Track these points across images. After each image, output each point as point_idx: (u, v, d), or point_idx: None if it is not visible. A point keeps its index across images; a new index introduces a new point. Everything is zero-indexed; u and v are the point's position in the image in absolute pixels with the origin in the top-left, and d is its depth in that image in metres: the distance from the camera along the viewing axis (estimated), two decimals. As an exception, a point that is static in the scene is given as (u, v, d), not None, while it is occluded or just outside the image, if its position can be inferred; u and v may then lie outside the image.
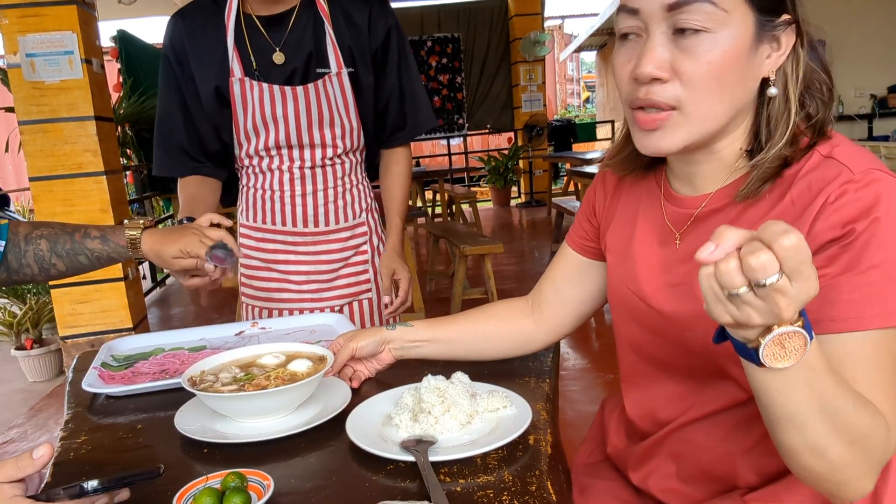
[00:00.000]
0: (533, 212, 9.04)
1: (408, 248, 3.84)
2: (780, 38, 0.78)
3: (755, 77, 0.79)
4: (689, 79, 0.75)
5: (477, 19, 9.36)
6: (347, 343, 1.09)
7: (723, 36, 0.74)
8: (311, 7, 1.40)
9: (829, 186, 0.73)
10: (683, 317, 0.85)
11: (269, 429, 0.94)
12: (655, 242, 0.91)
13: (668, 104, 0.77)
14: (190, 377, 1.03)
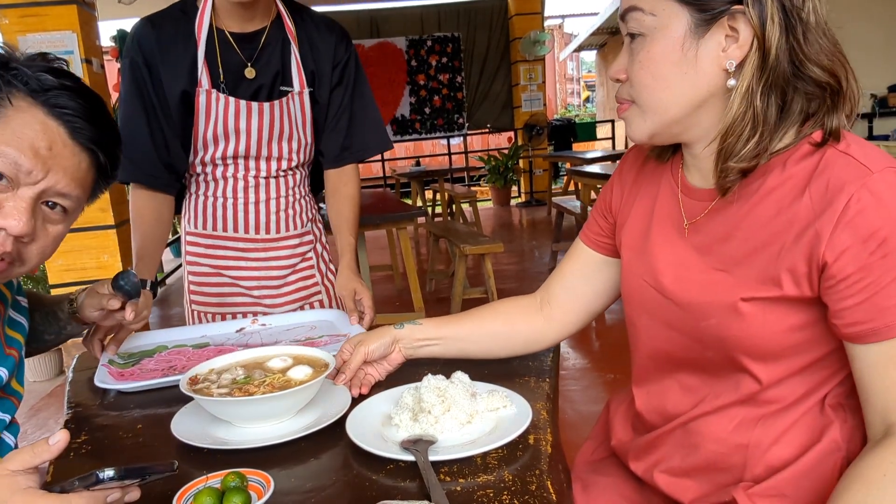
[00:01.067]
0: (533, 211, 9.04)
1: (408, 247, 3.85)
2: (737, 29, 0.77)
3: (708, 70, 0.79)
4: (631, 78, 0.84)
5: (477, 19, 9.36)
6: (358, 347, 1.08)
7: (653, 37, 0.80)
8: (280, 29, 1.46)
9: (848, 187, 0.74)
10: (698, 307, 0.86)
11: (266, 434, 0.94)
12: (672, 234, 0.92)
13: (626, 99, 0.87)
14: (192, 376, 1.03)
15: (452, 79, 9.28)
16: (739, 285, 0.81)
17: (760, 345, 0.82)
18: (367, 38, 8.98)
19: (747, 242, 0.82)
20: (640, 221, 0.98)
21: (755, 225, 0.81)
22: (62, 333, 1.20)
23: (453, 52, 9.20)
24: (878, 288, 0.73)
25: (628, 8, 0.82)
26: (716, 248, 0.86)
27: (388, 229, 4.55)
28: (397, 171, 8.74)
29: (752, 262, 0.81)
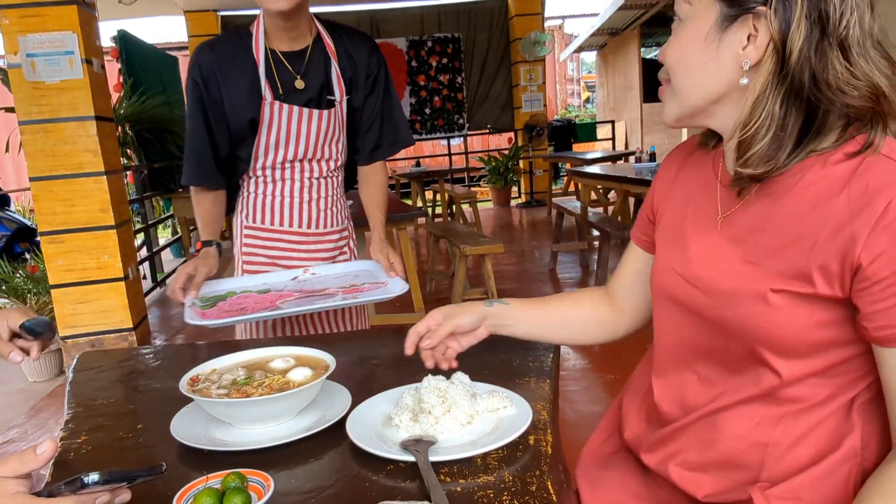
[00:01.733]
0: (533, 212, 9.04)
1: (408, 247, 3.84)
2: (759, 28, 0.78)
3: (728, 64, 0.82)
4: (664, 57, 0.89)
5: (477, 19, 9.36)
6: (448, 320, 1.09)
7: (685, 24, 0.85)
8: (321, 46, 1.69)
9: (888, 190, 0.73)
10: (727, 296, 0.85)
11: (266, 435, 0.94)
12: (706, 224, 0.92)
13: (664, 79, 0.91)
14: (192, 376, 1.03)
15: (453, 79, 9.28)
16: (770, 277, 0.81)
17: (785, 338, 0.81)
18: (367, 38, 8.98)
19: (780, 236, 0.81)
20: (676, 213, 0.99)
21: (790, 219, 0.81)
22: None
23: (453, 53, 9.21)
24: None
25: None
26: (749, 239, 0.85)
27: (388, 229, 4.53)
28: (397, 171, 8.75)
29: (783, 256, 0.81)
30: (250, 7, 8.63)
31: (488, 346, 1.27)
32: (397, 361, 1.23)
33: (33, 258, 4.46)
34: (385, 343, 1.35)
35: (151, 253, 6.05)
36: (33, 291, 4.05)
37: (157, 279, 6.04)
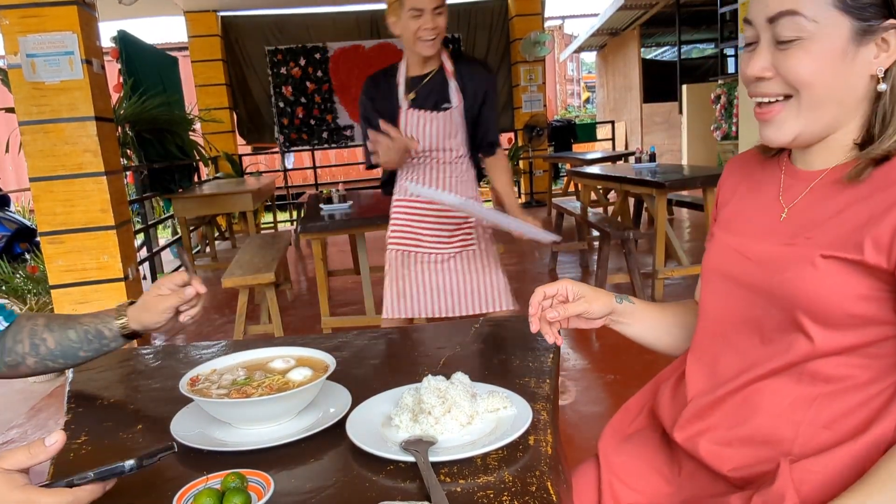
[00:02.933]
0: (533, 212, 8.98)
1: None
2: (888, 41, 0.84)
3: (860, 75, 0.85)
4: (787, 79, 0.87)
5: (477, 20, 9.35)
6: (580, 302, 1.06)
7: (814, 42, 0.84)
8: (442, 70, 2.33)
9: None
10: (776, 262, 0.90)
11: (266, 435, 0.94)
12: (768, 214, 0.96)
13: (776, 93, 0.89)
14: (193, 376, 1.03)
15: (453, 79, 9.27)
16: (821, 245, 0.85)
17: (825, 304, 0.84)
18: (367, 38, 8.98)
19: (840, 217, 0.86)
20: (738, 206, 1.03)
21: (853, 201, 0.86)
22: (103, 350, 1.20)
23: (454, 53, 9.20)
24: None
25: (784, 11, 0.85)
26: (808, 220, 0.90)
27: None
28: (397, 171, 8.74)
29: (838, 227, 0.85)
30: (250, 7, 8.63)
31: (488, 346, 1.27)
32: (397, 361, 1.23)
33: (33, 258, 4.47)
34: (385, 343, 1.35)
35: (151, 253, 6.05)
36: (33, 292, 4.05)
37: (156, 279, 6.04)
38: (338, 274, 5.41)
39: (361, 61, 8.88)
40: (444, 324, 1.44)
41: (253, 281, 3.48)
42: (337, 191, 4.45)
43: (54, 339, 1.17)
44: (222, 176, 8.43)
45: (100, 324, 1.19)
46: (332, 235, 4.61)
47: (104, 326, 1.18)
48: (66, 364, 1.19)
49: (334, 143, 9.10)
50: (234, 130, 8.89)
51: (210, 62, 8.48)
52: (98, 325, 1.18)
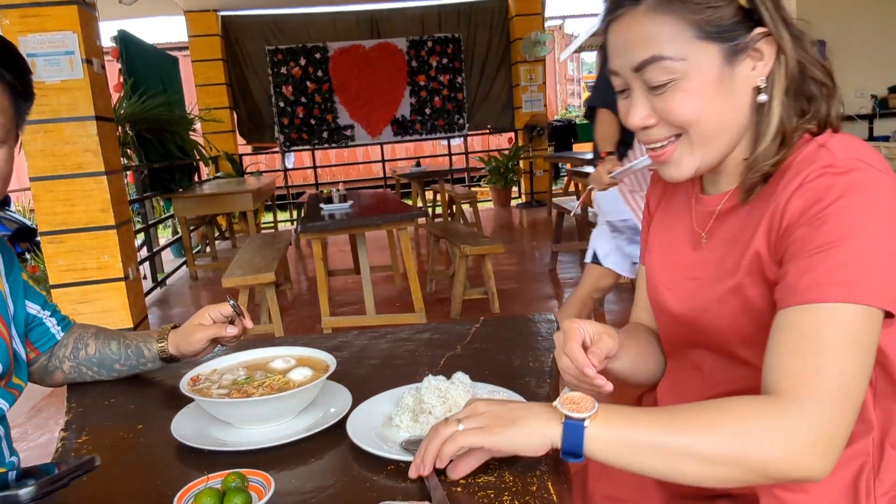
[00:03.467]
0: (533, 212, 9.03)
1: (408, 248, 3.85)
2: (761, 49, 0.82)
3: (742, 91, 0.83)
4: (674, 121, 0.84)
5: (477, 19, 9.35)
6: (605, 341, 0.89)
7: (688, 78, 0.81)
8: None
9: (809, 168, 0.77)
10: (701, 303, 0.90)
11: (267, 435, 0.94)
12: (688, 243, 0.96)
13: (666, 136, 0.86)
14: (193, 376, 1.03)
15: (453, 79, 9.28)
16: (727, 278, 0.86)
17: (755, 335, 0.84)
18: (367, 38, 8.98)
19: (742, 238, 0.86)
20: (662, 229, 1.03)
21: (749, 222, 0.85)
22: (138, 368, 1.22)
23: (454, 53, 9.20)
24: (802, 256, 0.75)
25: (649, 59, 0.81)
26: (718, 248, 0.90)
27: (388, 230, 4.55)
28: (398, 171, 8.74)
29: (737, 252, 0.85)
30: (250, 7, 8.63)
31: (488, 346, 1.27)
32: (397, 361, 1.23)
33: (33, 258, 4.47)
34: (385, 343, 1.35)
35: (151, 253, 6.05)
36: (33, 291, 4.05)
37: (157, 279, 6.04)
38: (338, 274, 5.41)
39: (361, 61, 8.88)
40: (444, 324, 1.44)
41: (253, 281, 3.48)
42: (337, 190, 4.45)
43: (96, 346, 1.20)
44: (222, 175, 8.43)
45: (142, 342, 1.21)
46: (333, 235, 4.61)
47: (145, 346, 1.20)
48: (98, 374, 1.21)
49: (334, 142, 9.10)
50: (234, 130, 8.89)
51: (210, 62, 8.48)
52: (140, 344, 1.21)
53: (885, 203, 0.74)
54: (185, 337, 1.18)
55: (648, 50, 0.81)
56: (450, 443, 0.75)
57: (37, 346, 1.18)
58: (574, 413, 0.72)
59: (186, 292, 5.91)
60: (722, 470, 0.71)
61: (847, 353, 0.72)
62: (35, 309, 1.18)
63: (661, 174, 0.90)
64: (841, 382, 0.71)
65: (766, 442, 0.69)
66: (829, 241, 0.73)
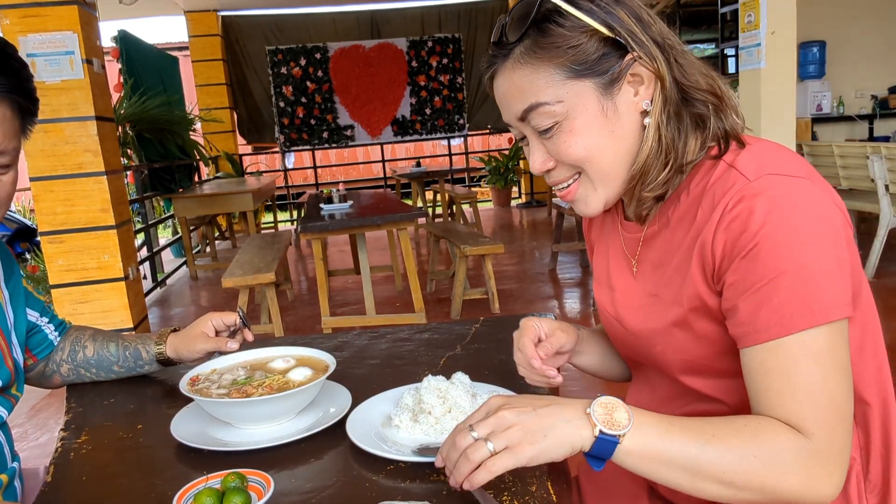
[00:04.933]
0: (533, 212, 9.04)
1: (408, 248, 3.85)
2: (638, 73, 0.81)
3: (630, 118, 0.82)
4: (567, 162, 0.84)
5: (477, 20, 9.35)
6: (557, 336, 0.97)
7: (570, 118, 0.81)
8: None
9: (725, 197, 0.76)
10: (647, 335, 0.89)
11: (266, 435, 0.94)
12: (624, 269, 0.95)
13: (568, 176, 0.86)
14: (193, 376, 1.03)
15: (453, 80, 9.28)
16: (673, 309, 0.84)
17: (700, 366, 0.84)
18: (367, 38, 8.99)
19: (670, 266, 0.85)
20: (601, 256, 1.02)
21: (673, 248, 0.85)
22: (135, 370, 1.22)
23: (454, 53, 9.20)
24: (751, 292, 0.74)
25: (528, 108, 0.82)
26: (650, 276, 0.89)
27: (388, 230, 4.54)
28: (398, 171, 8.75)
29: (674, 284, 0.84)
30: (251, 7, 8.63)
31: (488, 346, 1.27)
32: (397, 361, 1.23)
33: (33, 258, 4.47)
34: (385, 343, 1.35)
35: (152, 253, 6.05)
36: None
37: (157, 279, 6.05)
38: (338, 274, 5.41)
39: (361, 61, 8.88)
40: (444, 324, 1.44)
41: (253, 281, 3.48)
42: (337, 191, 4.46)
43: (94, 348, 1.21)
44: (223, 176, 8.43)
45: (140, 344, 1.21)
46: (333, 235, 4.60)
47: (143, 348, 1.20)
48: (97, 375, 1.21)
49: (334, 142, 9.10)
50: (234, 130, 8.90)
51: (210, 62, 8.48)
52: (138, 345, 1.21)
53: (806, 210, 0.73)
54: (186, 343, 1.18)
55: (526, 99, 0.81)
56: (482, 472, 0.72)
57: (35, 353, 1.18)
58: (610, 430, 0.71)
59: (186, 292, 5.91)
60: (744, 494, 0.72)
61: (831, 377, 0.73)
62: (34, 316, 1.18)
63: (575, 210, 0.90)
64: (835, 408, 0.72)
65: (793, 478, 0.71)
66: (771, 272, 0.72)
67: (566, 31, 0.78)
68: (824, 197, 0.75)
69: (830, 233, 0.73)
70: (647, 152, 0.82)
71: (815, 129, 7.25)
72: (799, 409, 0.72)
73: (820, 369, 0.72)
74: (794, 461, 0.71)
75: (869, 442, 0.85)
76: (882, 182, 4.23)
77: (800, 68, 7.00)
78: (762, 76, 3.99)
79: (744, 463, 0.71)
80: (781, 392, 0.73)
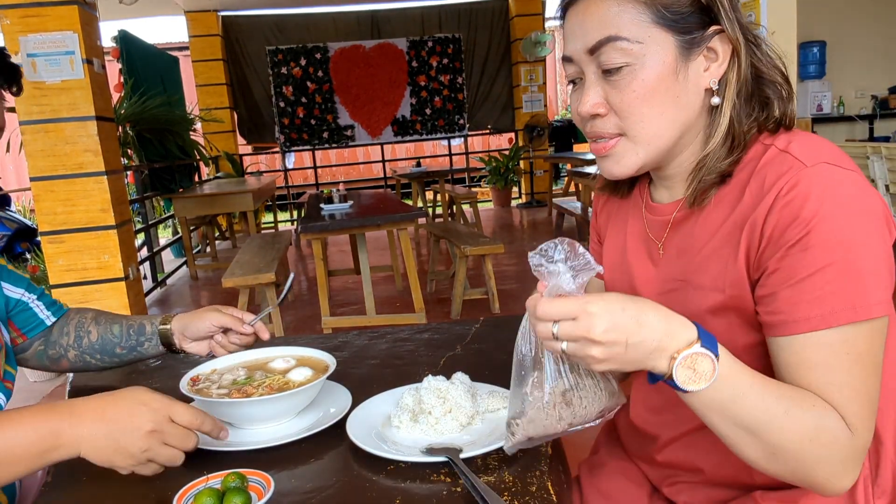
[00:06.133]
0: (534, 212, 9.03)
1: (408, 248, 3.85)
2: (715, 49, 0.80)
3: (694, 91, 0.81)
4: (620, 109, 0.81)
5: (478, 20, 9.35)
6: None
7: (644, 65, 0.78)
8: None
9: (780, 180, 0.75)
10: None
11: (266, 435, 0.95)
12: (644, 254, 0.93)
13: (612, 133, 0.83)
14: (193, 376, 1.04)
15: (453, 80, 9.28)
16: (704, 296, 0.83)
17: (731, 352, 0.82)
18: (367, 38, 8.99)
19: (704, 250, 0.83)
20: (615, 243, 1.00)
21: (708, 232, 0.83)
22: (137, 349, 1.18)
23: (454, 53, 9.20)
24: (794, 281, 0.73)
25: (605, 39, 0.78)
26: (676, 260, 0.87)
27: (388, 230, 4.55)
28: (398, 171, 8.75)
29: (710, 269, 0.82)
30: (251, 7, 8.64)
31: (488, 346, 1.27)
32: (397, 361, 1.23)
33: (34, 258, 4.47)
34: (385, 343, 1.35)
35: (152, 253, 6.05)
36: (34, 291, 4.05)
37: (157, 279, 6.05)
38: (338, 274, 5.41)
39: (362, 61, 8.88)
40: (444, 324, 1.45)
41: (253, 281, 3.48)
42: (337, 191, 4.46)
43: (98, 332, 1.19)
44: (223, 176, 8.43)
45: (145, 319, 1.19)
46: (333, 235, 4.61)
47: (148, 322, 1.18)
48: (101, 361, 1.20)
49: (335, 142, 9.10)
50: (234, 130, 8.90)
51: (211, 62, 8.48)
52: (143, 321, 1.19)
53: (860, 205, 0.73)
54: (196, 316, 1.14)
55: (605, 30, 0.78)
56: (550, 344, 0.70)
57: (24, 332, 1.17)
58: (684, 386, 0.70)
59: (187, 292, 5.91)
60: (776, 466, 0.73)
61: (871, 375, 0.73)
62: (18, 293, 1.16)
63: (601, 168, 0.87)
64: (873, 405, 0.73)
65: (830, 468, 0.72)
66: (819, 262, 0.72)
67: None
68: (876, 194, 0.75)
69: (880, 230, 0.73)
70: (720, 134, 0.81)
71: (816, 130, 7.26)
72: (843, 403, 0.72)
73: (862, 367, 0.72)
74: (839, 454, 0.72)
75: (880, 446, 0.84)
76: (882, 182, 4.23)
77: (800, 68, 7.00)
78: (762, 76, 3.99)
79: (797, 445, 0.71)
80: (827, 386, 0.73)
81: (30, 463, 0.79)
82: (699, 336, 0.69)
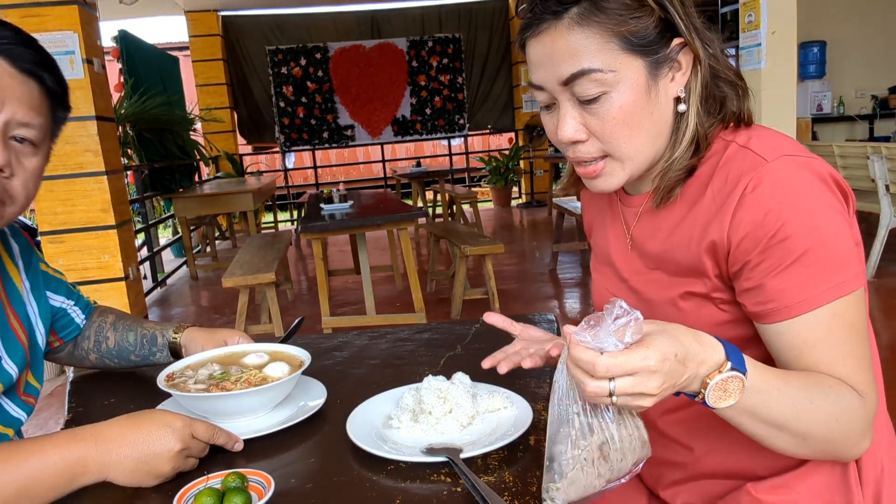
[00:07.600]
0: (534, 212, 9.04)
1: (408, 248, 3.85)
2: (679, 61, 0.83)
3: (665, 103, 0.84)
4: (602, 135, 0.83)
5: (478, 20, 9.36)
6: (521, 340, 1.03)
7: (619, 91, 0.80)
8: None
9: (744, 177, 0.78)
10: (649, 306, 0.92)
11: (243, 428, 0.96)
12: (623, 244, 0.98)
13: (596, 156, 0.85)
14: (168, 373, 1.05)
15: (453, 80, 9.28)
16: (674, 282, 0.87)
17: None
18: (367, 38, 8.99)
19: (669, 241, 0.88)
20: (599, 237, 1.04)
21: (672, 225, 0.87)
22: (149, 357, 1.22)
23: (454, 53, 9.21)
24: (780, 270, 0.77)
25: (579, 73, 0.79)
26: (649, 249, 0.92)
27: (388, 230, 4.55)
28: (398, 171, 8.75)
29: (675, 259, 0.87)
30: (251, 7, 8.64)
31: (488, 346, 1.27)
32: (397, 361, 1.23)
33: (34, 258, 4.47)
34: (385, 343, 1.35)
35: (152, 253, 6.05)
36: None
37: (157, 279, 6.05)
38: (338, 274, 5.41)
39: (362, 61, 8.88)
40: (444, 324, 1.44)
41: (253, 281, 3.48)
42: (337, 190, 4.46)
43: (115, 338, 1.23)
44: (223, 175, 8.43)
45: (157, 330, 1.22)
46: (333, 235, 4.61)
47: (160, 333, 1.22)
48: (119, 364, 1.24)
49: (335, 142, 9.10)
50: (234, 130, 8.90)
51: (211, 62, 8.48)
52: (156, 330, 1.22)
53: (822, 188, 0.77)
54: (208, 333, 1.19)
55: (578, 63, 0.79)
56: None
57: (61, 336, 1.20)
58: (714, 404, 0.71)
59: (186, 292, 5.91)
60: (803, 451, 0.78)
61: (864, 341, 0.78)
62: (59, 301, 1.20)
63: (590, 186, 0.90)
64: (870, 367, 0.79)
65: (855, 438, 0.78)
66: (798, 248, 0.76)
67: (628, 1, 0.78)
68: (833, 174, 0.79)
69: (840, 208, 0.78)
70: (687, 139, 0.84)
71: (816, 129, 7.26)
72: (849, 373, 0.77)
73: (855, 334, 0.78)
74: (859, 423, 0.77)
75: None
76: (882, 182, 4.23)
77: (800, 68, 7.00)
78: (762, 76, 3.99)
79: (825, 427, 0.75)
80: (832, 361, 0.77)
81: (56, 492, 0.81)
82: (727, 356, 0.71)
